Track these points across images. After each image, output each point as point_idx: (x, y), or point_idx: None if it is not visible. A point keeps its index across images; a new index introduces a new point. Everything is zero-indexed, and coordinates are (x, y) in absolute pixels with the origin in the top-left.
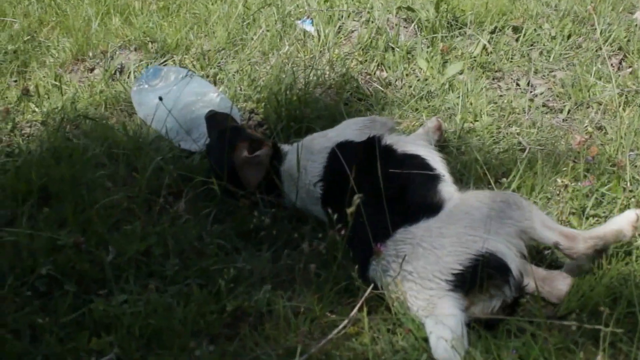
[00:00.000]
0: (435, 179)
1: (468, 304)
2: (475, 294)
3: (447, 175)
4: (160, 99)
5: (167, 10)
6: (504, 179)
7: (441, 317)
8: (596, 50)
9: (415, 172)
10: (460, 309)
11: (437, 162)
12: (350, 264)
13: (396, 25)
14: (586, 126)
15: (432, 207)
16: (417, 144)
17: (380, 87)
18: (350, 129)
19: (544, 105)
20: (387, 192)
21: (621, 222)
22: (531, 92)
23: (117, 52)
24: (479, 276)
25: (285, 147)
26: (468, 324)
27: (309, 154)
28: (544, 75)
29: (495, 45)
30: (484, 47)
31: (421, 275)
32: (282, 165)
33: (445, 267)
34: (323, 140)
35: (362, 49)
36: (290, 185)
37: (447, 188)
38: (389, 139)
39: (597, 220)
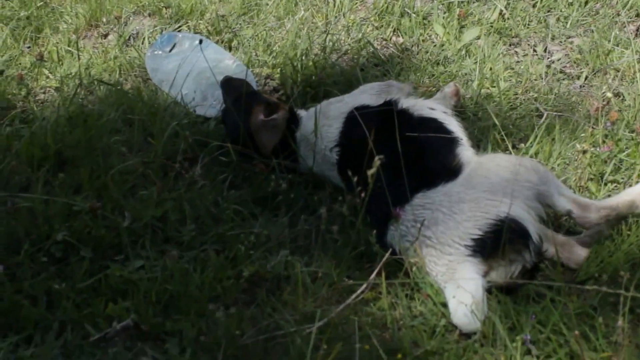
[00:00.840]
0: (452, 142)
1: (487, 269)
2: (494, 259)
3: (465, 139)
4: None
5: None
6: (522, 145)
7: (461, 282)
8: (614, 17)
9: (433, 135)
10: (479, 274)
11: (454, 125)
12: (367, 229)
13: None
14: (604, 92)
15: (450, 171)
16: (434, 108)
17: (396, 53)
18: (367, 94)
19: (561, 72)
20: (405, 156)
21: (634, 193)
22: (548, 58)
23: (131, 18)
24: (498, 241)
25: (301, 112)
26: (488, 289)
27: (325, 119)
28: (561, 42)
29: (512, 11)
30: (501, 13)
31: (440, 240)
32: (298, 131)
33: (464, 232)
34: (339, 105)
35: (378, 15)
36: (306, 150)
37: (465, 152)
38: (405, 103)
39: (616, 186)
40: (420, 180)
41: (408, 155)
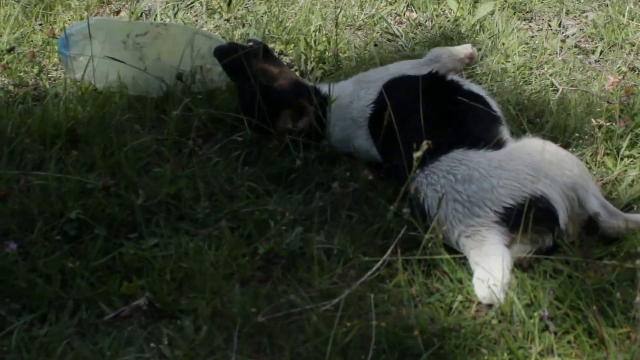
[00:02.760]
0: (496, 119)
1: (509, 241)
2: (517, 233)
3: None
4: None
5: None
6: (538, 120)
7: (488, 249)
8: None
9: (480, 107)
10: (504, 244)
11: (496, 107)
12: (384, 204)
13: None
14: (619, 67)
15: (494, 142)
16: (481, 88)
17: (410, 28)
18: (409, 64)
19: (575, 46)
20: (448, 115)
21: None
22: (563, 33)
23: None
24: (527, 216)
25: (322, 88)
26: None
27: (364, 84)
28: (575, 16)
29: None
30: None
31: (471, 199)
32: (328, 110)
33: (497, 198)
34: (380, 70)
35: None
36: (336, 120)
37: (506, 132)
38: (453, 76)
39: (632, 161)
40: (462, 138)
41: (451, 115)
